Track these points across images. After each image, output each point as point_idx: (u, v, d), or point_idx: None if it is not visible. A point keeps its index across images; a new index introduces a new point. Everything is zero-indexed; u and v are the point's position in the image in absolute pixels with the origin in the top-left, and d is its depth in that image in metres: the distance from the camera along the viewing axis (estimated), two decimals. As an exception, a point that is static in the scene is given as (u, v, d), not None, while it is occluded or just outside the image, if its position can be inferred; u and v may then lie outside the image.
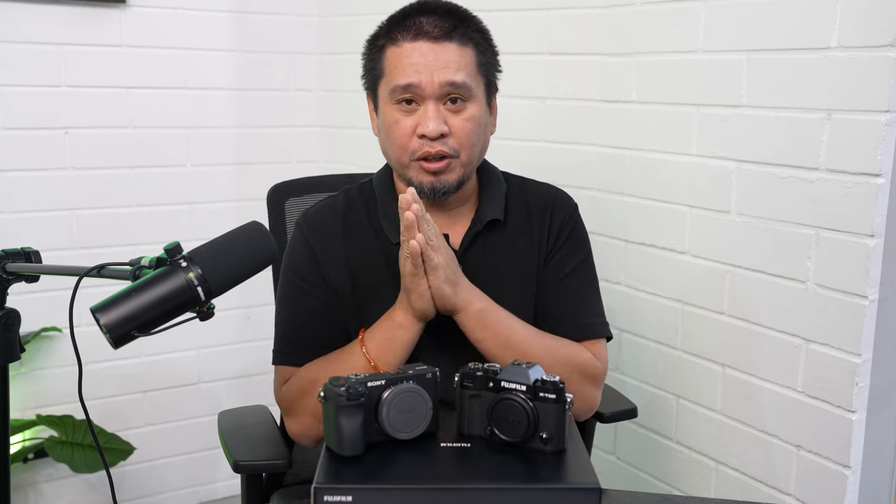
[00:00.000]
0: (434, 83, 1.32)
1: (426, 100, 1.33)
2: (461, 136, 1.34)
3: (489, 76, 1.40)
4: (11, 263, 1.15)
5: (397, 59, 1.34)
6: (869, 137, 1.57)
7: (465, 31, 1.35)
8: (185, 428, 2.74)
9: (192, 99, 2.64)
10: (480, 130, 1.38)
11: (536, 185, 1.52)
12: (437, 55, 1.32)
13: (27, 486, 2.52)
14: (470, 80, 1.34)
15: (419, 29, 1.33)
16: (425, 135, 1.32)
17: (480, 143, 1.39)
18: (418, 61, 1.32)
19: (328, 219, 1.44)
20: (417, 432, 1.12)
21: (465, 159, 1.36)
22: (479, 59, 1.37)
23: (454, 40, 1.34)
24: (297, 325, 1.41)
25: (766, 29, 1.74)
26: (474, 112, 1.35)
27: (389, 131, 1.36)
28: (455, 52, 1.33)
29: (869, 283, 1.60)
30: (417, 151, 1.33)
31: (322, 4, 2.80)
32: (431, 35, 1.33)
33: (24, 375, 2.45)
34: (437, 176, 1.35)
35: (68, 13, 2.41)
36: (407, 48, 1.33)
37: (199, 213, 2.68)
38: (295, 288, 1.42)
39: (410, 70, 1.32)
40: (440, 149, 1.32)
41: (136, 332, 0.98)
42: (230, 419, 1.57)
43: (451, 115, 1.34)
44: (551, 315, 1.43)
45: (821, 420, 1.70)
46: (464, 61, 1.34)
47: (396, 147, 1.35)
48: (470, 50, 1.35)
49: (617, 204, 2.11)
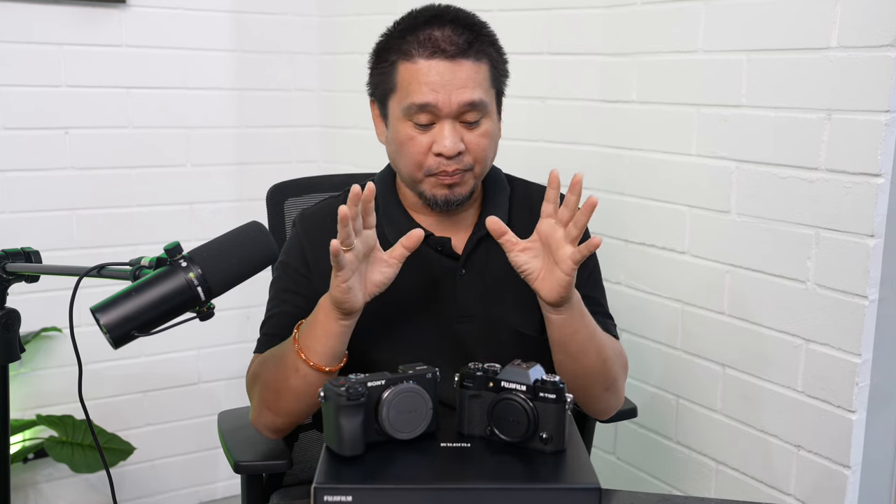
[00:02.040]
0: (452, 104, 1.30)
1: (442, 119, 1.32)
2: (477, 151, 1.34)
3: (500, 86, 1.40)
4: (11, 263, 1.15)
5: (412, 76, 1.31)
6: (869, 137, 1.57)
7: (479, 46, 1.34)
8: (185, 428, 2.74)
9: (192, 99, 2.64)
10: (494, 143, 1.38)
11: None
12: (454, 74, 1.30)
13: (27, 486, 2.52)
14: (485, 96, 1.33)
15: (435, 46, 1.31)
16: (442, 153, 1.31)
17: (493, 154, 1.39)
18: (435, 80, 1.30)
19: (325, 221, 1.43)
20: (417, 432, 1.12)
21: (479, 171, 1.36)
22: (493, 72, 1.36)
23: (470, 57, 1.32)
24: (277, 316, 1.41)
25: (766, 29, 1.74)
26: (489, 127, 1.35)
27: (402, 147, 1.34)
28: (471, 69, 1.32)
29: (869, 283, 1.60)
30: (434, 168, 1.33)
31: (322, 4, 2.80)
32: (448, 53, 1.30)
33: (24, 375, 2.45)
34: (453, 189, 1.34)
35: (68, 13, 2.41)
36: (423, 66, 1.31)
37: (199, 213, 2.68)
38: (282, 282, 1.42)
39: (427, 90, 1.30)
40: (457, 167, 1.32)
41: (136, 332, 0.99)
42: (230, 419, 1.57)
43: (467, 131, 1.33)
44: None
45: (821, 420, 1.70)
46: (479, 77, 1.33)
47: (410, 163, 1.34)
48: (485, 65, 1.34)
49: (617, 204, 2.11)
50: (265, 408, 1.35)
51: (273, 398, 1.33)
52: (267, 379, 1.33)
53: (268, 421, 1.36)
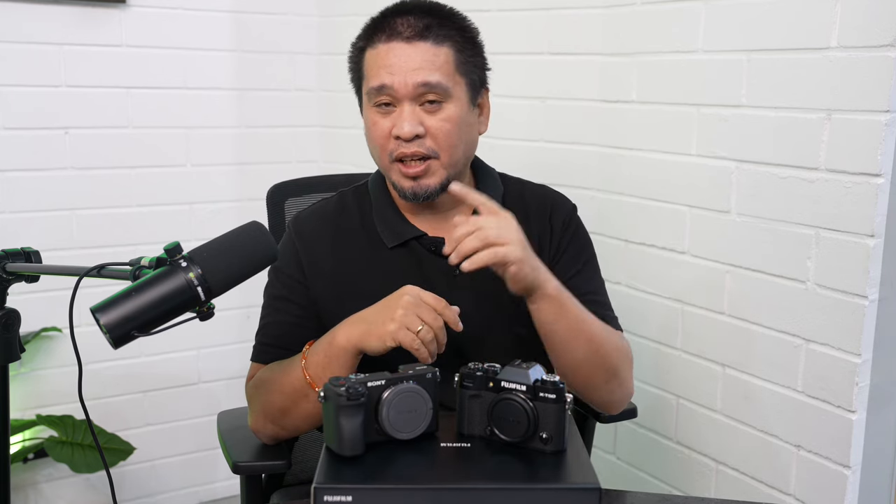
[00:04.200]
0: (407, 84, 1.31)
1: (401, 101, 1.33)
2: (439, 136, 1.33)
3: (471, 75, 1.38)
4: (11, 263, 1.15)
5: (373, 60, 1.35)
6: (869, 137, 1.57)
7: (440, 30, 1.34)
8: (185, 428, 2.74)
9: (192, 99, 2.64)
10: (461, 130, 1.36)
11: (533, 186, 1.51)
12: (409, 56, 1.32)
13: (27, 486, 2.52)
14: (446, 80, 1.33)
15: (393, 30, 1.33)
16: (399, 136, 1.32)
17: (463, 143, 1.37)
18: (392, 62, 1.32)
19: (318, 225, 1.43)
20: (417, 432, 1.12)
21: (447, 160, 1.35)
22: (458, 57, 1.35)
23: (428, 40, 1.33)
24: (272, 325, 1.42)
25: (766, 29, 1.74)
26: (452, 112, 1.34)
27: (369, 133, 1.38)
28: (429, 51, 1.32)
29: (869, 283, 1.60)
30: (394, 152, 1.33)
31: (322, 4, 2.80)
32: (404, 35, 1.33)
33: (24, 375, 2.45)
34: (417, 181, 1.34)
35: (68, 13, 2.41)
36: (382, 50, 1.33)
37: (199, 213, 2.68)
38: (276, 289, 1.42)
39: (384, 72, 1.32)
40: (416, 150, 1.32)
41: (136, 332, 0.98)
42: (230, 419, 1.57)
43: (428, 115, 1.33)
44: None
45: (821, 420, 1.70)
46: (439, 61, 1.33)
47: (377, 149, 1.37)
48: (446, 49, 1.34)
49: (617, 204, 2.11)
50: (269, 422, 1.36)
51: (279, 416, 1.34)
52: (273, 399, 1.33)
53: (270, 432, 1.37)
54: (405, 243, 1.40)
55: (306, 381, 1.27)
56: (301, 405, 1.30)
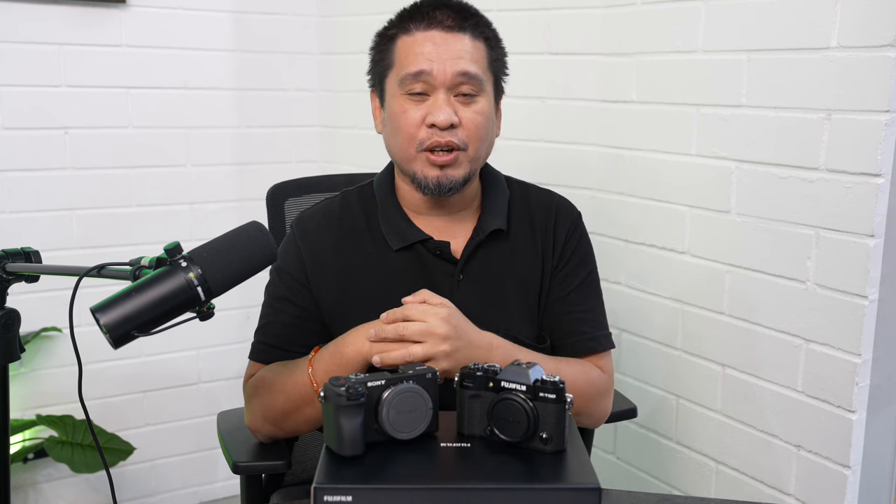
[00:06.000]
0: (447, 72, 1.30)
1: (437, 89, 1.31)
2: (471, 128, 1.32)
3: (498, 74, 1.39)
4: (11, 263, 1.15)
5: (409, 47, 1.33)
6: (869, 137, 1.57)
7: (478, 27, 1.35)
8: (185, 428, 2.74)
9: (192, 99, 2.64)
10: (490, 125, 1.37)
11: (539, 191, 1.50)
12: (449, 45, 1.31)
13: (27, 486, 2.52)
14: (482, 74, 1.33)
15: (432, 18, 1.33)
16: (435, 124, 1.30)
17: (488, 139, 1.37)
18: (430, 50, 1.31)
19: (322, 225, 1.42)
20: (417, 432, 1.12)
21: (473, 154, 1.34)
22: (491, 55, 1.36)
23: (467, 32, 1.33)
24: (272, 324, 1.41)
25: (766, 29, 1.74)
26: (484, 106, 1.34)
27: (397, 121, 1.33)
28: (468, 43, 1.33)
29: (869, 283, 1.60)
30: (426, 141, 1.31)
31: (322, 4, 2.80)
32: (445, 25, 1.32)
33: (24, 375, 2.45)
34: (444, 170, 1.32)
35: (68, 13, 2.41)
36: (419, 37, 1.32)
37: (199, 213, 2.68)
38: (277, 289, 1.42)
39: (422, 58, 1.31)
40: (449, 139, 1.30)
41: (136, 332, 0.98)
42: (229, 419, 1.57)
43: (462, 107, 1.32)
44: (559, 330, 1.42)
45: (821, 420, 1.70)
46: (477, 54, 1.33)
47: (403, 138, 1.33)
48: (482, 44, 1.35)
49: (617, 204, 2.11)
50: (268, 422, 1.36)
51: (280, 418, 1.34)
52: (275, 401, 1.33)
53: (268, 432, 1.37)
54: (410, 246, 1.39)
55: (313, 387, 1.27)
56: (304, 410, 1.30)
